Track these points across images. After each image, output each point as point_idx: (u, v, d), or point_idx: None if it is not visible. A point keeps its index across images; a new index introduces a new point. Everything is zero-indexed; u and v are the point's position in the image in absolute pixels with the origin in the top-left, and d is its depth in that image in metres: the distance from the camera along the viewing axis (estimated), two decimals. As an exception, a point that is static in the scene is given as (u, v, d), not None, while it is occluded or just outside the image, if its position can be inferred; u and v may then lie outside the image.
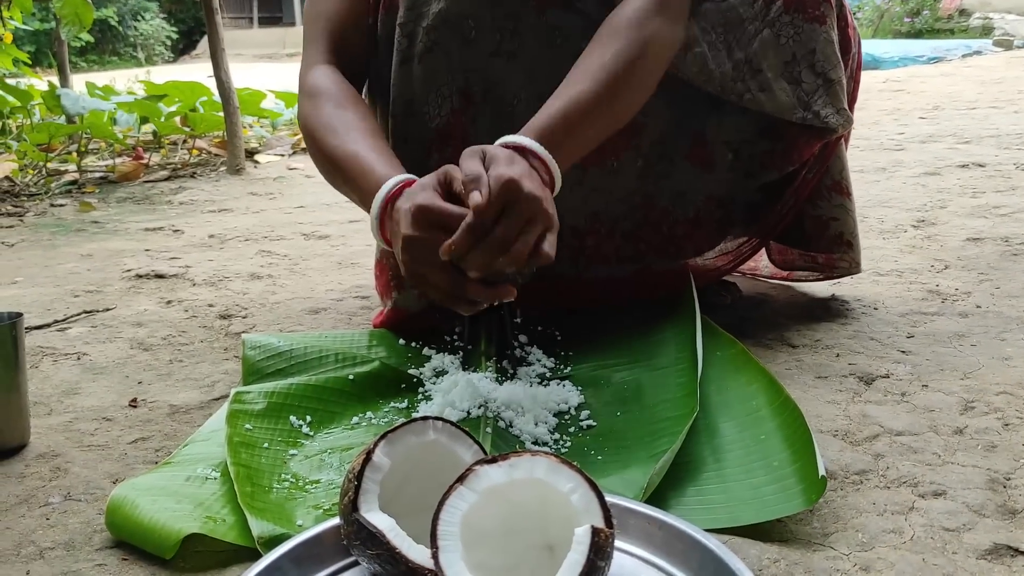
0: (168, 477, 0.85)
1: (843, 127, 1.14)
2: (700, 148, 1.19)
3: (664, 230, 1.22)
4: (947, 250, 1.64)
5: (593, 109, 0.97)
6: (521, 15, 1.09)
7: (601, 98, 0.98)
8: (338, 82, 1.09)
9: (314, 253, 1.90)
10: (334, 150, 1.03)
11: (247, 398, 0.96)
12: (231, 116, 3.10)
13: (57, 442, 0.99)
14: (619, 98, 1.00)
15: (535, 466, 0.64)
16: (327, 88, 1.08)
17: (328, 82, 1.09)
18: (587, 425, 0.95)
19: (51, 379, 1.19)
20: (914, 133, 3.25)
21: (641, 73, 1.02)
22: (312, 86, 1.09)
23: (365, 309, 1.44)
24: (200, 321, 1.43)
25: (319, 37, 1.13)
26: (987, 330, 1.20)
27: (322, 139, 1.05)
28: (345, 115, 1.06)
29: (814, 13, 1.10)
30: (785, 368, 1.10)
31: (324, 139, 1.04)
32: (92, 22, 3.14)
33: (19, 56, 4.89)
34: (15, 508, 0.84)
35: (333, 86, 1.08)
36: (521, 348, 1.15)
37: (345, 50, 1.13)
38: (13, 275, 1.81)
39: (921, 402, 0.98)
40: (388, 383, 1.07)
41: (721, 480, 0.81)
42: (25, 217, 2.53)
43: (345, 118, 1.05)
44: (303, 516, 0.79)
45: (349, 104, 1.07)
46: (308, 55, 1.13)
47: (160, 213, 2.52)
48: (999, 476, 0.81)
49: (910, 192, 2.21)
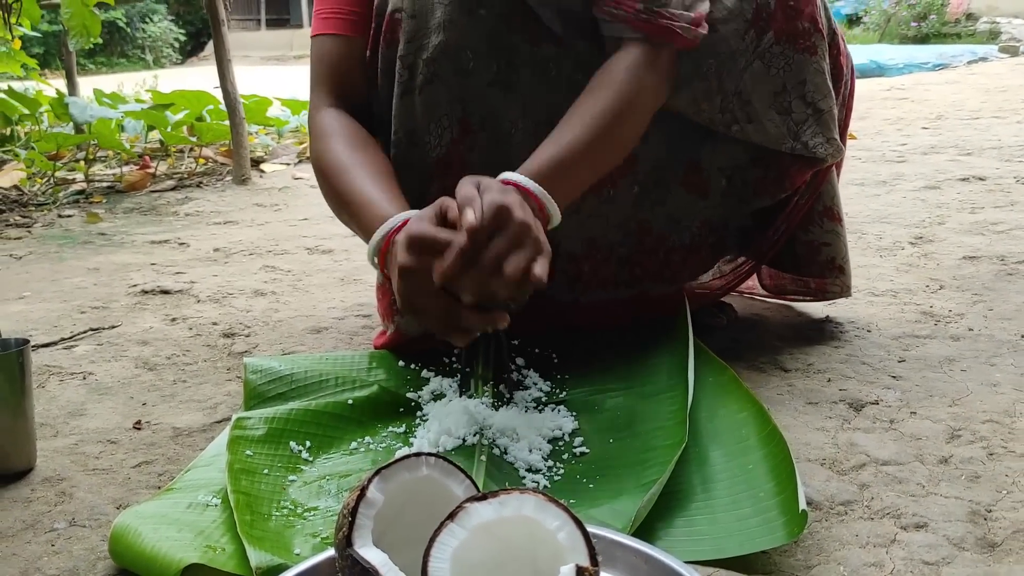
0: (170, 504, 0.87)
1: (832, 157, 1.16)
2: (694, 175, 1.21)
3: (660, 255, 1.24)
4: (943, 269, 1.65)
5: (585, 152, 1.03)
6: (517, 47, 1.12)
7: (592, 143, 1.04)
8: (346, 123, 1.14)
9: (317, 268, 1.92)
10: (342, 188, 1.08)
11: (248, 424, 0.99)
12: (237, 127, 3.13)
13: (63, 465, 1.01)
14: (608, 144, 1.06)
15: (523, 504, 0.66)
16: (337, 129, 1.13)
17: (337, 123, 1.14)
18: (580, 452, 0.97)
19: (58, 399, 1.22)
20: (916, 144, 3.27)
21: (629, 123, 1.08)
22: (322, 128, 1.14)
23: (366, 328, 1.46)
24: (204, 340, 1.45)
25: (324, 80, 1.17)
26: (977, 354, 1.22)
27: (333, 178, 1.10)
28: (355, 155, 1.10)
29: (805, 44, 1.12)
30: (777, 393, 1.12)
31: (335, 178, 1.10)
32: (100, 33, 3.17)
33: (28, 62, 4.94)
34: (21, 534, 0.86)
35: (341, 127, 1.13)
36: (518, 371, 1.17)
37: (348, 90, 1.17)
38: (21, 289, 1.84)
39: (909, 430, 1.00)
40: (386, 407, 1.09)
41: (709, 511, 0.83)
42: (33, 228, 2.56)
43: (356, 158, 1.10)
44: (301, 544, 0.81)
45: (360, 144, 1.12)
46: (315, 98, 1.18)
47: (166, 225, 2.55)
48: (980, 508, 0.83)
49: (909, 207, 2.23)
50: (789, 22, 1.12)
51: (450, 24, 1.08)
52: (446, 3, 1.08)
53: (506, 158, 1.08)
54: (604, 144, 1.05)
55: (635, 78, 1.06)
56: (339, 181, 1.08)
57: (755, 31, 1.11)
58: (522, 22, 1.12)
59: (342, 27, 1.16)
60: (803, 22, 1.12)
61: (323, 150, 1.12)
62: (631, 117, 1.07)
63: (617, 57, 1.08)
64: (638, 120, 1.09)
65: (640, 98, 1.07)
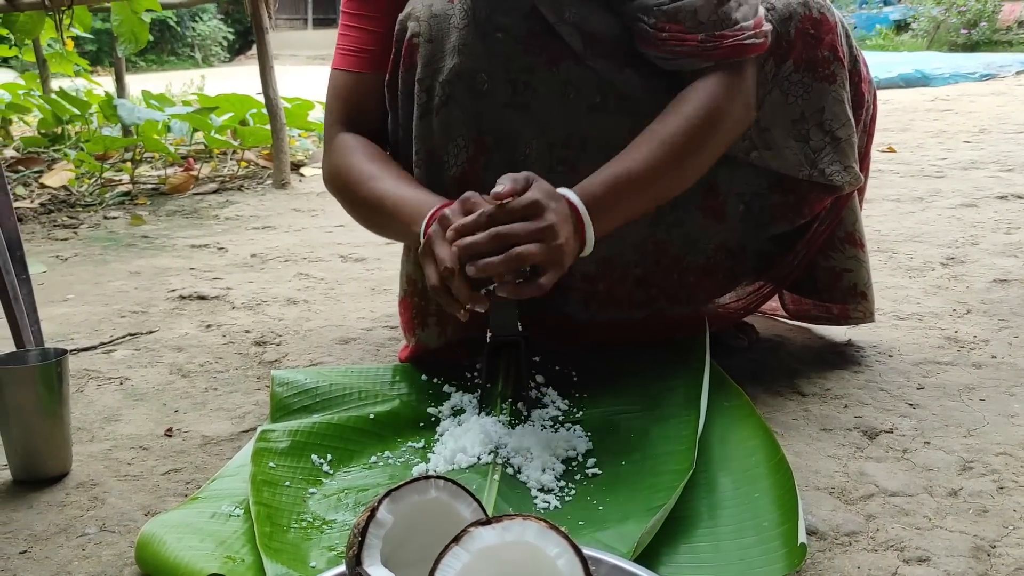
0: (194, 514, 0.91)
1: (850, 185, 1.16)
2: (712, 199, 1.22)
3: (675, 277, 1.26)
4: (972, 292, 1.64)
5: (646, 180, 1.04)
6: (533, 69, 1.14)
7: (658, 170, 1.05)
8: (363, 141, 1.20)
9: (349, 277, 1.96)
10: (374, 192, 1.13)
11: (272, 436, 1.02)
12: (278, 132, 3.19)
13: (96, 471, 1.06)
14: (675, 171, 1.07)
15: (526, 530, 0.68)
16: (355, 144, 1.19)
17: (354, 141, 1.20)
18: (592, 473, 0.99)
19: (95, 404, 1.27)
20: (957, 159, 3.22)
21: (707, 147, 1.08)
22: (340, 144, 1.20)
23: (392, 340, 1.50)
24: (236, 348, 1.50)
25: (337, 109, 1.23)
26: (998, 383, 1.21)
27: (359, 185, 1.15)
28: (376, 164, 1.16)
29: (824, 72, 1.13)
30: (792, 418, 1.13)
31: (362, 184, 1.15)
32: (147, 39, 3.25)
33: (80, 63, 5.08)
34: (54, 537, 0.91)
35: (360, 144, 1.19)
36: (537, 388, 1.19)
37: (361, 117, 1.22)
38: (65, 292, 1.91)
39: (921, 460, 1.01)
40: (407, 422, 1.12)
41: (713, 538, 0.84)
42: (79, 229, 2.64)
43: (377, 166, 1.16)
44: (317, 557, 0.84)
45: (378, 156, 1.18)
46: (329, 122, 1.24)
47: (207, 229, 2.61)
48: (984, 544, 0.83)
49: (944, 225, 2.21)
50: (809, 51, 1.13)
51: (464, 48, 1.11)
52: (461, 28, 1.11)
53: None
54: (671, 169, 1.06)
55: (718, 107, 1.06)
56: (367, 188, 1.13)
57: (774, 60, 1.13)
58: (541, 43, 1.14)
59: (356, 64, 1.22)
60: (823, 51, 1.13)
61: (344, 164, 1.17)
62: (711, 141, 1.07)
63: (698, 84, 1.08)
64: (716, 145, 1.09)
65: (720, 126, 1.07)
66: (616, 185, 1.02)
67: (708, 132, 1.06)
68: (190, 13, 18.89)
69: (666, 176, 1.06)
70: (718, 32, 1.05)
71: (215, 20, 20.39)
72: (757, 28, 1.07)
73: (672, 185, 1.08)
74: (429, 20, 1.14)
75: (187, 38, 19.72)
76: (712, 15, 1.06)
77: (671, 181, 1.08)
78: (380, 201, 1.12)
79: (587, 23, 1.14)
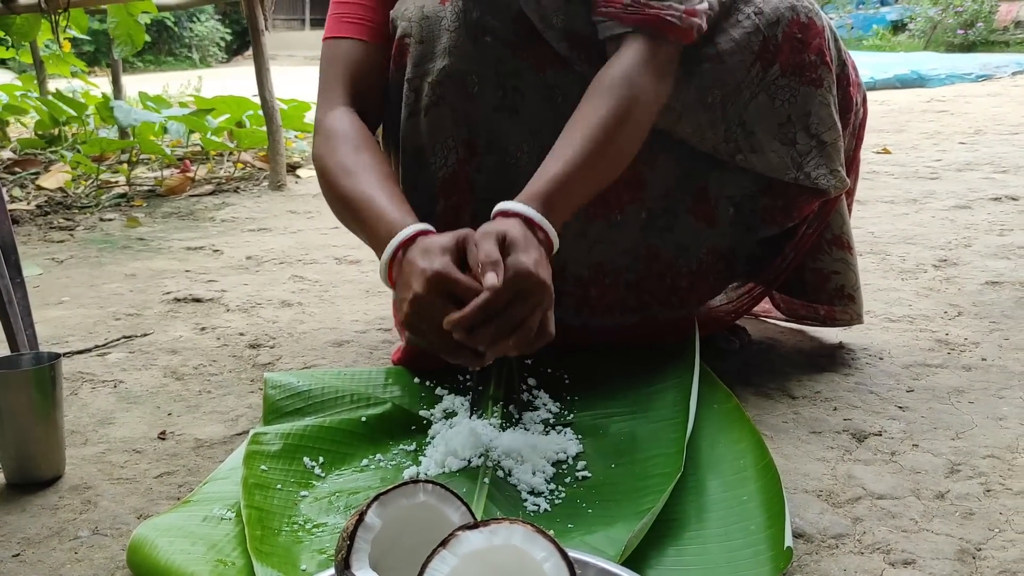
0: (186, 517, 0.92)
1: (835, 189, 1.17)
2: (703, 203, 1.23)
3: (667, 281, 1.26)
4: (963, 294, 1.65)
5: (586, 167, 1.04)
6: (522, 73, 1.15)
7: (593, 156, 1.04)
8: (356, 125, 1.14)
9: (344, 279, 1.97)
10: (348, 191, 1.08)
11: (264, 439, 1.03)
12: (274, 134, 3.20)
13: (90, 474, 1.06)
14: (609, 154, 1.07)
15: (512, 534, 0.69)
16: (344, 130, 1.13)
17: (346, 125, 1.14)
18: (582, 476, 1.00)
19: (88, 407, 1.27)
20: (951, 160, 3.24)
21: (630, 129, 1.08)
22: (329, 127, 1.14)
23: (386, 343, 1.50)
24: (230, 350, 1.50)
25: (338, 80, 1.17)
26: (987, 386, 1.22)
27: (336, 180, 1.10)
28: (360, 157, 1.11)
29: (811, 76, 1.14)
30: (782, 421, 1.14)
31: (338, 180, 1.10)
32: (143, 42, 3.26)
33: (77, 64, 5.08)
34: (47, 540, 0.91)
35: (350, 129, 1.13)
36: (529, 391, 1.20)
37: (363, 95, 1.18)
38: (60, 294, 1.91)
39: (909, 463, 1.01)
40: (399, 425, 1.13)
41: (701, 541, 0.85)
42: (75, 232, 2.65)
43: (360, 160, 1.10)
44: (307, 560, 0.85)
45: (364, 147, 1.12)
46: (326, 97, 1.18)
47: (202, 231, 2.62)
48: (970, 547, 0.84)
49: (937, 227, 2.22)
50: (795, 55, 1.13)
51: (455, 49, 1.12)
52: (452, 30, 1.12)
53: (512, 180, 1.10)
54: (605, 154, 1.05)
55: (633, 81, 1.06)
56: (344, 183, 1.09)
57: (761, 64, 1.13)
58: (529, 48, 1.15)
59: (361, 32, 1.18)
60: (810, 55, 1.14)
61: (328, 151, 1.12)
62: (631, 122, 1.07)
63: (613, 60, 1.09)
64: (638, 124, 1.09)
65: (639, 102, 1.07)
66: (561, 178, 1.01)
67: (629, 109, 1.06)
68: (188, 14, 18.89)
69: (604, 157, 1.05)
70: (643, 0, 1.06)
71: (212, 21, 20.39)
72: (688, 15, 1.07)
73: (611, 165, 1.08)
74: (420, 21, 1.14)
75: (184, 38, 19.72)
76: None
77: (610, 160, 1.07)
78: (351, 202, 1.07)
79: (573, 27, 1.15)
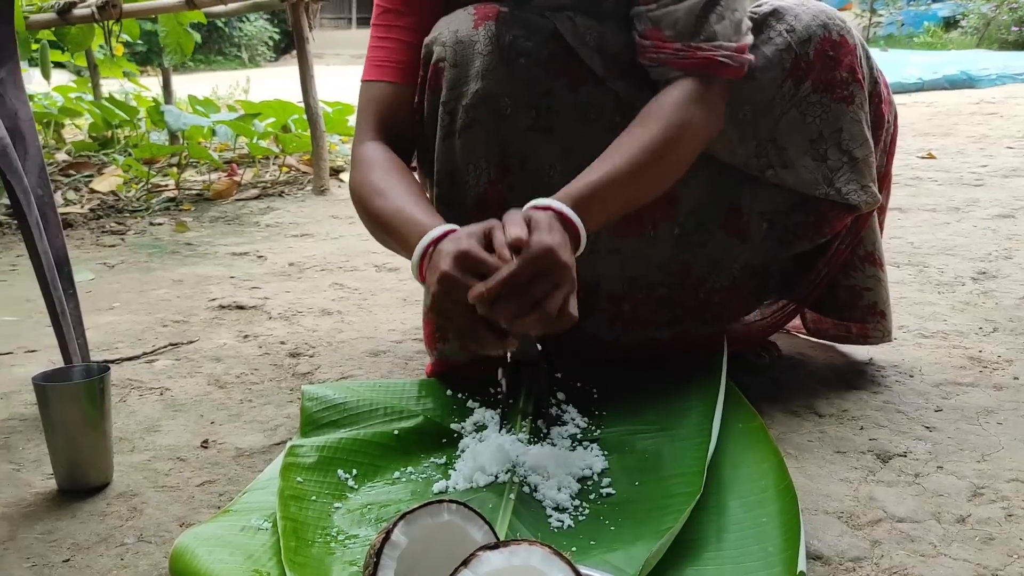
0: (225, 527, 0.96)
1: (867, 205, 1.18)
2: (736, 218, 1.25)
3: (700, 296, 1.28)
4: (1000, 309, 1.64)
5: (623, 182, 1.07)
6: (555, 93, 1.18)
7: (633, 173, 1.07)
8: (387, 154, 1.20)
9: (383, 287, 2.01)
10: (381, 209, 1.14)
11: (300, 451, 1.07)
12: (317, 139, 3.26)
13: (136, 481, 1.11)
14: (650, 176, 1.10)
15: (531, 555, 0.72)
16: (376, 158, 1.20)
17: (377, 154, 1.20)
18: (607, 493, 1.02)
19: (136, 415, 1.33)
20: (998, 165, 3.19)
21: (675, 155, 1.11)
22: (362, 157, 1.21)
23: (421, 353, 1.54)
24: (271, 359, 1.55)
25: (372, 118, 1.24)
26: (1017, 406, 1.22)
27: (370, 201, 1.16)
28: (391, 178, 1.17)
29: (842, 94, 1.16)
30: (807, 440, 1.15)
31: (372, 201, 1.16)
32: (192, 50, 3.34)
33: (130, 68, 5.22)
34: (95, 547, 0.96)
35: (382, 157, 1.19)
36: (558, 406, 1.23)
37: (393, 129, 1.24)
38: (111, 300, 1.98)
39: (932, 485, 1.02)
40: (430, 437, 1.16)
41: (719, 562, 0.87)
42: (126, 236, 2.73)
43: (391, 180, 1.16)
44: (339, 572, 0.88)
45: (395, 170, 1.18)
46: (361, 132, 1.24)
47: (247, 236, 2.68)
48: (987, 573, 0.85)
49: (978, 237, 2.20)
50: (827, 72, 1.15)
51: (488, 73, 1.15)
52: (485, 54, 1.15)
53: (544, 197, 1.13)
54: (645, 175, 1.08)
55: (682, 110, 1.09)
56: (377, 202, 1.14)
57: (793, 80, 1.15)
58: (562, 67, 1.18)
59: (393, 75, 1.23)
60: (841, 72, 1.15)
61: (361, 177, 1.19)
62: (677, 149, 1.10)
63: (665, 92, 1.12)
64: (684, 152, 1.12)
65: (689, 130, 1.10)
66: (598, 186, 1.04)
67: (676, 136, 1.09)
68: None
69: (642, 177, 1.08)
70: (694, 43, 1.09)
71: (261, 20, 20.68)
72: (738, 53, 1.09)
73: (649, 186, 1.11)
74: (455, 46, 1.17)
75: (234, 38, 20.04)
76: (691, 25, 1.09)
77: (648, 182, 1.10)
78: (383, 218, 1.13)
79: (607, 44, 1.17)
